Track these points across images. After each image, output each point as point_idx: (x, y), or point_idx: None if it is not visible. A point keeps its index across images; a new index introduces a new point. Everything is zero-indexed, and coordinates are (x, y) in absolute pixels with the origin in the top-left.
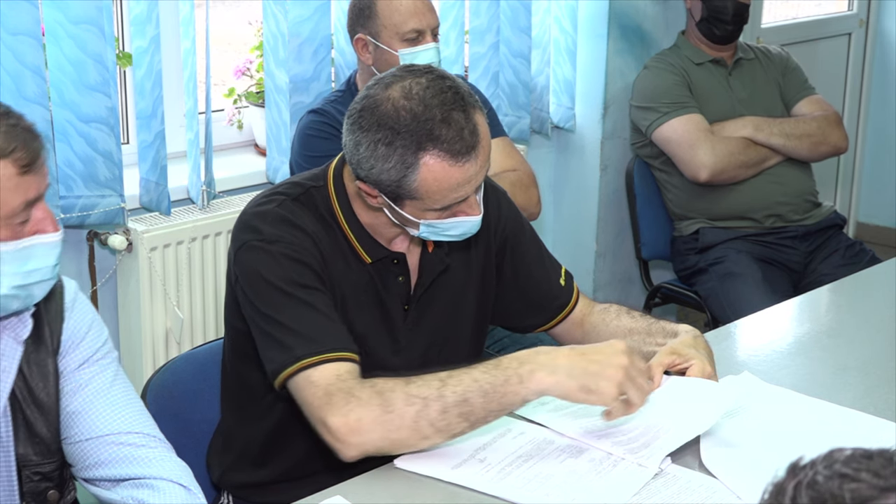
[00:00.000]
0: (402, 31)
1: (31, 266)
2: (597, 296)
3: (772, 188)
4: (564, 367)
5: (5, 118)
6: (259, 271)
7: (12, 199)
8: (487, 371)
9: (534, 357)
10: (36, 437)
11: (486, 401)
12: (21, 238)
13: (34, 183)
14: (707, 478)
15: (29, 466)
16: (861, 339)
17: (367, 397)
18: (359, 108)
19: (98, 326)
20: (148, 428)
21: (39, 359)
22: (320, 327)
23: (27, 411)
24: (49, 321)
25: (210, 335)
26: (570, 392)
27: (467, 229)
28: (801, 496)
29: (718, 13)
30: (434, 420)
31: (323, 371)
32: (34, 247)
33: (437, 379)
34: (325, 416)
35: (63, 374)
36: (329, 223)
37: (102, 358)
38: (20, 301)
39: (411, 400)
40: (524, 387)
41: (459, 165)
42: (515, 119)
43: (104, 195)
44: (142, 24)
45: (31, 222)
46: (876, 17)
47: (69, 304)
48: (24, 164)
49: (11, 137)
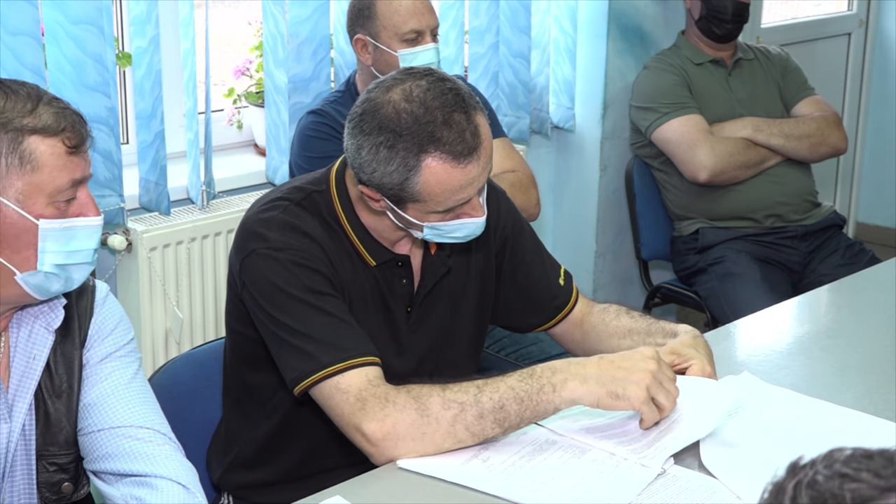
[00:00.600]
0: (402, 31)
1: (74, 247)
2: (596, 296)
3: (771, 188)
4: (594, 376)
5: (56, 101)
6: (271, 280)
7: (60, 177)
8: (523, 379)
9: (566, 367)
10: (55, 428)
11: (521, 408)
12: (66, 217)
13: (80, 164)
14: (707, 478)
15: (46, 457)
16: (861, 339)
17: (402, 402)
18: (359, 111)
19: (125, 325)
20: (158, 425)
21: (66, 350)
22: (341, 333)
23: (48, 401)
24: (79, 314)
25: (210, 335)
26: (599, 399)
27: (471, 231)
28: (801, 496)
29: (718, 12)
30: (470, 424)
31: (351, 377)
32: (77, 228)
33: (475, 386)
34: (359, 422)
35: (85, 366)
36: (333, 227)
37: (126, 356)
38: (60, 282)
39: (448, 404)
40: (557, 395)
41: (462, 167)
42: (515, 119)
43: (104, 195)
44: (141, 25)
45: (75, 204)
46: (875, 17)
47: (99, 301)
48: (73, 145)
49: (62, 118)
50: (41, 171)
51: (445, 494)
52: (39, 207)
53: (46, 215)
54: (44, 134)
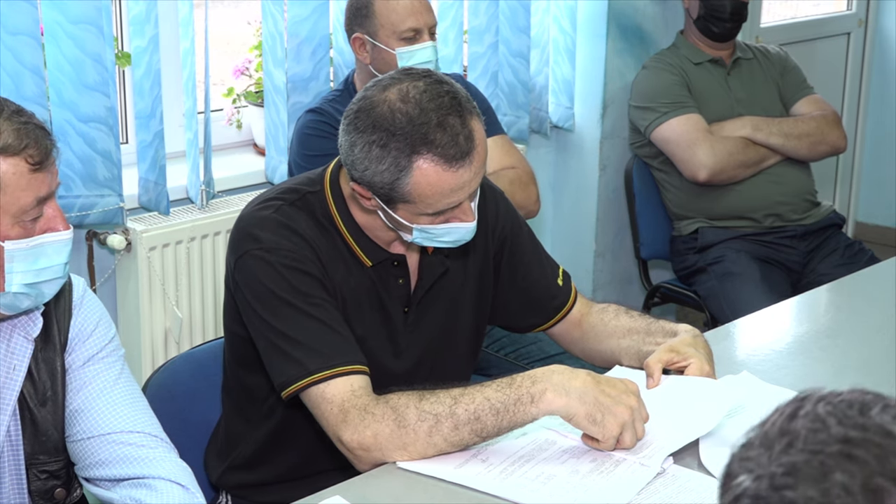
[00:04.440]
0: (400, 29)
1: (42, 264)
2: (596, 295)
3: (771, 188)
4: (577, 391)
5: (17, 116)
6: (262, 281)
7: (24, 196)
8: (500, 389)
9: (548, 376)
10: (43, 436)
11: (498, 419)
12: (32, 236)
13: (45, 180)
14: (706, 477)
15: (36, 465)
16: (860, 338)
17: (381, 413)
18: (355, 109)
19: (105, 324)
20: (150, 427)
21: (47, 357)
22: (329, 340)
23: (34, 409)
24: (57, 318)
25: (209, 335)
26: (576, 415)
27: (461, 236)
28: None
29: (716, 11)
30: (447, 435)
31: (336, 386)
32: (45, 245)
33: (450, 396)
34: (340, 433)
35: (68, 371)
36: (327, 228)
37: (108, 356)
38: (31, 299)
39: (424, 416)
40: (535, 406)
41: (453, 171)
42: (514, 119)
43: (103, 195)
44: (141, 24)
45: (42, 220)
46: (875, 16)
47: (77, 301)
48: (36, 162)
49: (23, 135)
50: (4, 193)
51: (444, 494)
52: (4, 229)
53: (12, 236)
54: (4, 154)
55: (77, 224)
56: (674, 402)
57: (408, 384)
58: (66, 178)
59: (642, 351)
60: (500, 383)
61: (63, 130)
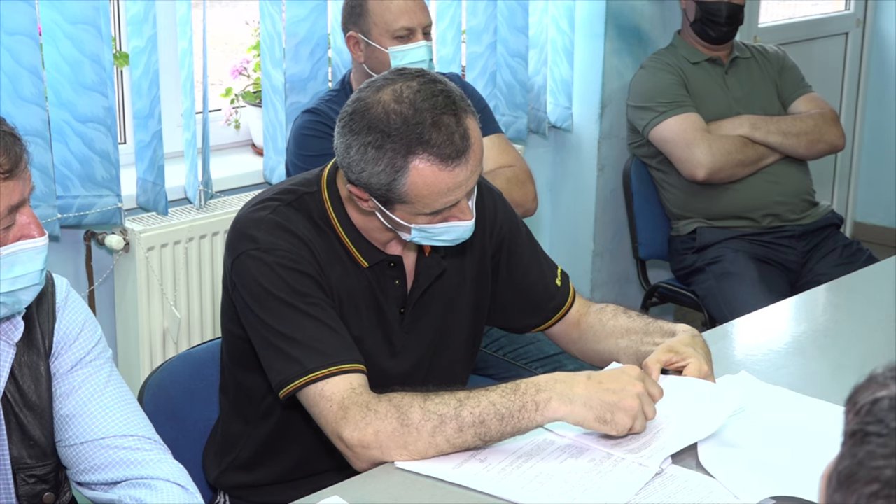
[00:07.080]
0: (393, 28)
1: (17, 272)
2: (594, 295)
3: (769, 187)
4: (581, 397)
5: None
6: (259, 281)
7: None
8: (505, 395)
9: (552, 384)
10: (30, 441)
11: (502, 424)
12: (6, 244)
13: (17, 188)
14: (705, 477)
15: (24, 469)
16: (858, 338)
17: (384, 411)
18: (350, 110)
19: (91, 325)
20: (143, 430)
21: (31, 361)
22: (327, 339)
23: (20, 414)
24: (40, 322)
25: (207, 335)
26: (585, 421)
27: (459, 234)
28: None
29: (712, 14)
30: (450, 437)
31: (335, 384)
32: (20, 252)
33: (455, 398)
34: (341, 430)
35: (56, 377)
36: (323, 229)
37: (96, 359)
38: (7, 308)
39: (428, 416)
40: (539, 414)
41: (450, 170)
42: (512, 119)
43: (101, 195)
44: (139, 24)
45: (15, 227)
46: (873, 16)
47: (61, 303)
48: (6, 170)
49: None
50: None
51: (443, 494)
52: None
53: None
54: None
55: (75, 224)
56: (673, 403)
57: (405, 385)
58: (64, 179)
59: (640, 351)
60: (504, 388)
61: (61, 130)
